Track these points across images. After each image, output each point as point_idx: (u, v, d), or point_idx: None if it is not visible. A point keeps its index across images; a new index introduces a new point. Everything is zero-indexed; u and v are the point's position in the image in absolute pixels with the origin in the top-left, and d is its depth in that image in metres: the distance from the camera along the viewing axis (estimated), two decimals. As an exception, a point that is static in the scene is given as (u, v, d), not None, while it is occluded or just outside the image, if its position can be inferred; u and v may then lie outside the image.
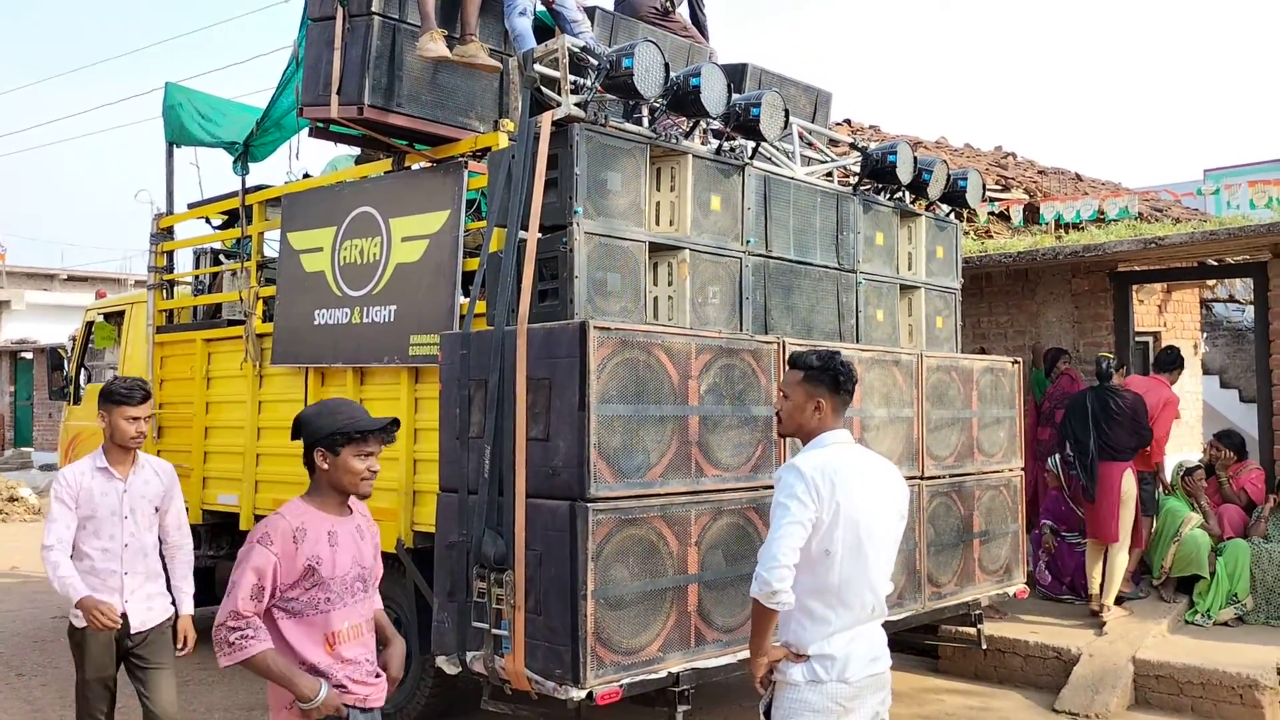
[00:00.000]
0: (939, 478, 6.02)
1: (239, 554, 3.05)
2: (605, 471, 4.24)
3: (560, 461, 4.27)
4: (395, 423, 3.17)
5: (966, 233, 9.65)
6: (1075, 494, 7.78)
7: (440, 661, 4.76)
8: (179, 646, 4.46)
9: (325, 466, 3.09)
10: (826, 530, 3.08)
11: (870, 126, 12.79)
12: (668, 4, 6.74)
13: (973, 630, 6.46)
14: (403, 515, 5.61)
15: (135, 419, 4.31)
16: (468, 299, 5.21)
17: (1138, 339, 9.54)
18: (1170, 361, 7.92)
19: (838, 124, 11.92)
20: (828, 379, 3.24)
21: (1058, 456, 7.91)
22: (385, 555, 5.80)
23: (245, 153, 7.16)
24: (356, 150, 6.94)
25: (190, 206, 7.98)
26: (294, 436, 3.24)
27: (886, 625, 3.42)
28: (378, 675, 3.23)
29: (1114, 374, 7.63)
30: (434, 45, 5.35)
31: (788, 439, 4.97)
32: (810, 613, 3.15)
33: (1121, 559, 7.23)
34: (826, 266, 5.88)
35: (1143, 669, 6.33)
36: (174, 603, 4.58)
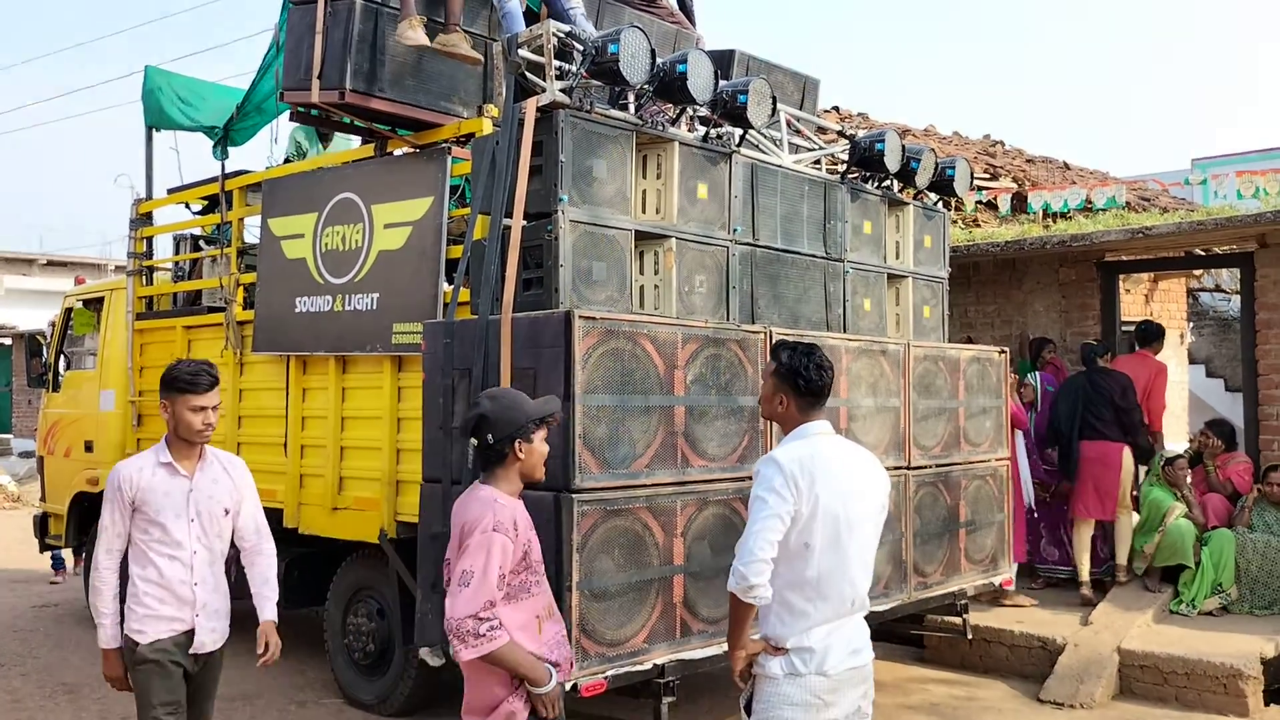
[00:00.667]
0: (925, 467, 6.00)
1: (468, 544, 3.06)
2: (590, 462, 4.19)
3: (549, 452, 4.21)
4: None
5: (954, 221, 9.62)
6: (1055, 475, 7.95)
7: (423, 653, 4.71)
8: (261, 653, 3.96)
9: (523, 456, 3.21)
10: (805, 523, 3.04)
11: (858, 114, 12.75)
12: None
13: (958, 620, 6.45)
14: (385, 505, 5.56)
15: (202, 409, 3.69)
16: (451, 287, 5.14)
17: (1124, 328, 9.54)
18: (1152, 334, 8.34)
19: (826, 111, 11.88)
20: (791, 378, 3.20)
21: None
22: (367, 545, 5.84)
23: (225, 137, 7.07)
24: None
25: (170, 191, 7.88)
26: (471, 435, 3.25)
27: (872, 616, 3.39)
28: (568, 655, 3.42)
29: (1098, 358, 7.86)
30: (413, 33, 5.27)
31: (772, 428, 4.95)
32: (789, 606, 3.11)
33: (1126, 525, 7.58)
34: (814, 255, 5.84)
35: (1128, 659, 6.34)
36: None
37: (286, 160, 7.92)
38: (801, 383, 3.19)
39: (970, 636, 6.54)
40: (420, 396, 4.95)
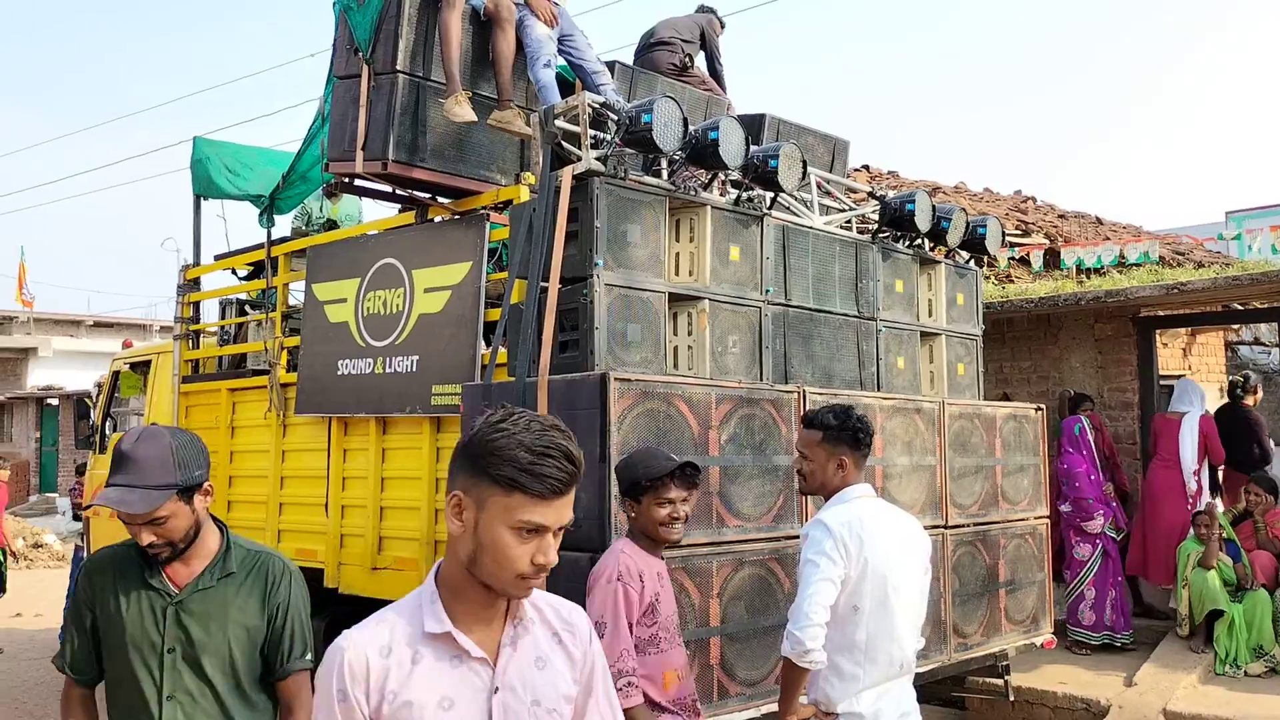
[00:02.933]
0: (963, 526, 5.97)
1: (592, 592, 3.21)
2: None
3: (580, 513, 4.26)
4: (690, 466, 3.26)
5: (987, 278, 9.65)
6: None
7: None
8: None
9: (633, 515, 3.32)
10: (854, 586, 3.09)
11: (889, 172, 12.85)
12: (686, 59, 6.84)
13: (1000, 681, 6.37)
14: (424, 565, 5.61)
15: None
16: (489, 349, 5.25)
17: (1162, 383, 9.47)
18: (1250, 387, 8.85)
19: (856, 170, 12.00)
20: (847, 437, 3.27)
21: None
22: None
23: (271, 205, 7.27)
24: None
25: (217, 258, 8.09)
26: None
27: (914, 676, 3.41)
28: (698, 715, 3.37)
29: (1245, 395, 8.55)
30: (460, 109, 5.43)
31: (809, 489, 4.97)
32: (839, 669, 3.14)
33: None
34: (846, 314, 5.89)
35: (1174, 721, 6.22)
36: None
37: (294, 229, 8.14)
38: (860, 435, 3.28)
39: (1012, 698, 6.45)
40: (459, 457, 5.02)
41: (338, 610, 6.69)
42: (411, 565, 5.71)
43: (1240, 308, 9.10)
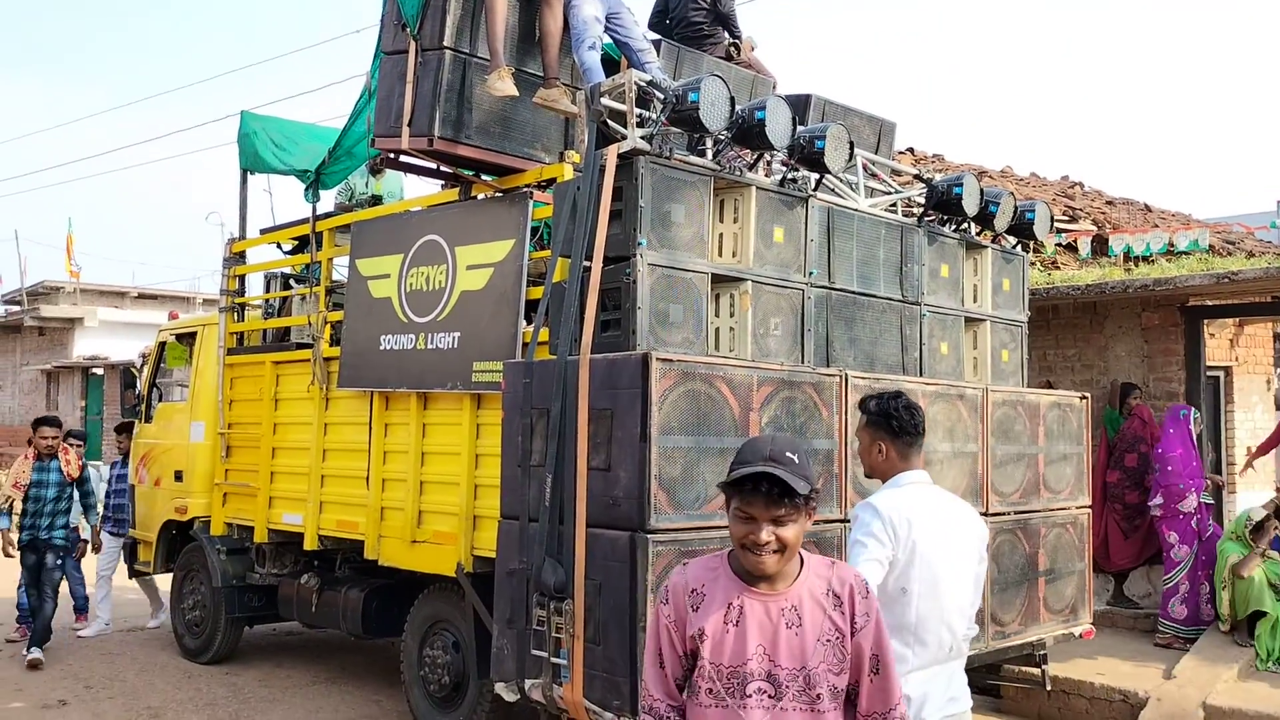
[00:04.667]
0: (1004, 514, 5.92)
1: None
2: (665, 503, 4.24)
3: (621, 492, 4.29)
4: (772, 481, 2.27)
5: (1033, 264, 9.52)
6: None
7: (499, 688, 4.79)
8: None
9: (728, 519, 2.39)
10: (903, 569, 3.11)
11: (934, 155, 12.70)
12: (731, 50, 6.78)
13: (1037, 670, 6.32)
14: (463, 540, 5.66)
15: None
16: (531, 327, 5.26)
17: (1209, 373, 9.31)
18: None
19: (901, 153, 11.87)
20: (885, 423, 3.28)
21: None
22: (444, 578, 5.94)
23: (316, 180, 7.32)
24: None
25: (262, 232, 8.17)
26: None
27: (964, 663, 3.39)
28: None
29: None
30: (501, 84, 5.43)
31: (848, 471, 4.95)
32: None
33: None
34: (890, 299, 5.84)
35: (1213, 715, 6.14)
36: None
37: (337, 205, 8.19)
38: (895, 424, 3.27)
39: (1049, 688, 6.40)
40: (498, 434, 5.06)
41: (377, 582, 6.80)
42: (450, 539, 5.76)
43: (1292, 298, 8.90)
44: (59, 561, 8.23)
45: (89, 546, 8.87)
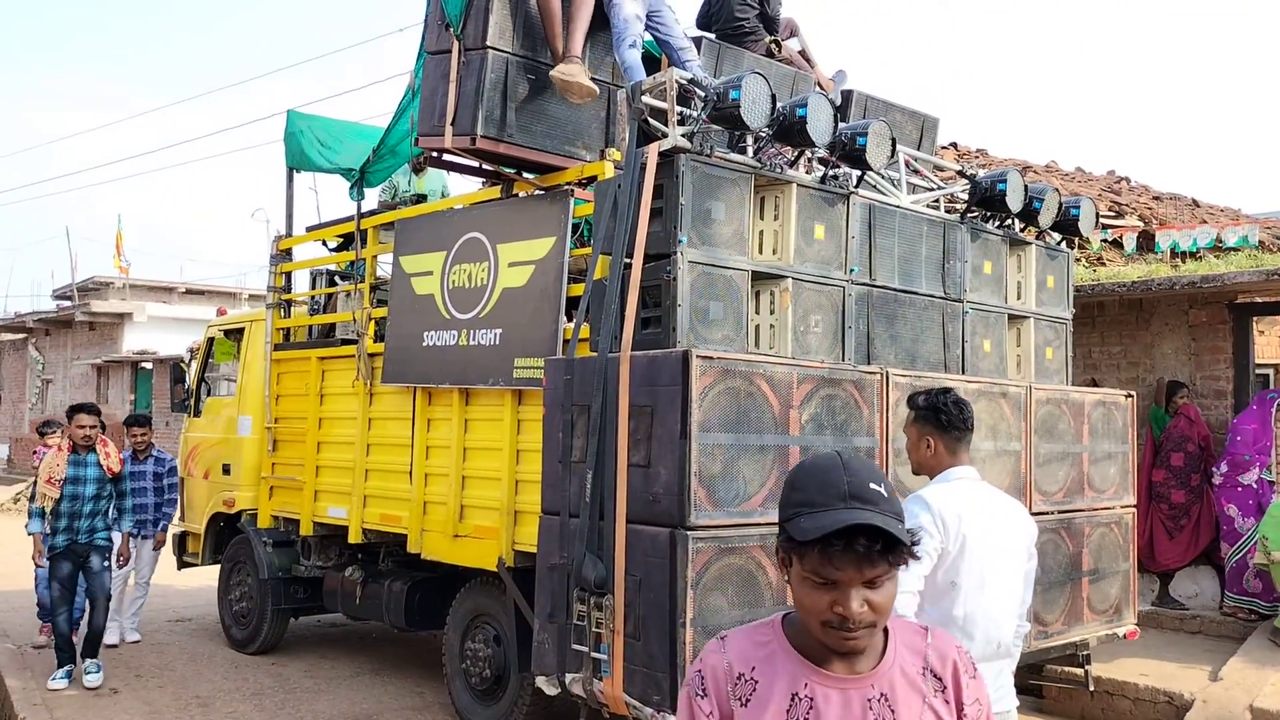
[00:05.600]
0: (1047, 513, 5.87)
1: None
2: (705, 499, 4.26)
3: (660, 488, 4.31)
4: (874, 536, 1.62)
5: (1078, 260, 9.41)
6: None
7: (540, 682, 4.84)
8: None
9: (786, 578, 1.78)
10: (953, 562, 3.12)
11: (977, 150, 12.58)
12: (773, 46, 6.77)
13: (1080, 671, 6.27)
14: (504, 534, 5.72)
15: None
16: (572, 324, 5.30)
17: (1258, 371, 9.16)
18: None
19: (944, 147, 11.77)
20: (933, 418, 3.30)
21: None
22: (486, 572, 6.01)
23: (361, 179, 7.41)
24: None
25: (308, 229, 8.29)
26: None
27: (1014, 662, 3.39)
28: None
29: None
30: (578, 74, 5.43)
31: (889, 470, 4.94)
32: None
33: None
34: (932, 295, 5.81)
35: (1260, 718, 6.05)
36: None
37: (381, 203, 8.28)
38: (944, 418, 3.30)
39: (1092, 688, 6.35)
40: (539, 430, 5.10)
41: (419, 575, 6.88)
42: (491, 534, 5.82)
43: (1346, 295, 8.73)
44: (106, 563, 7.22)
45: (121, 558, 7.63)
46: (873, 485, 1.67)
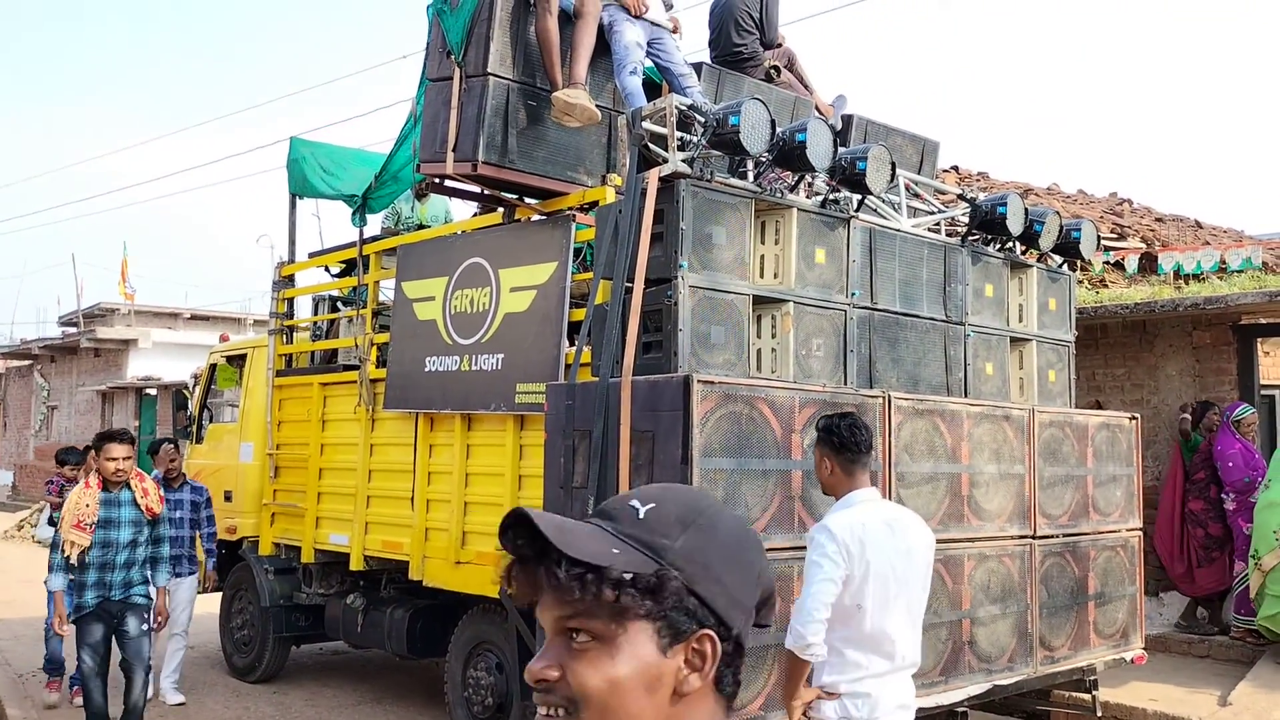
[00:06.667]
0: (1052, 537, 5.84)
1: None
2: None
3: (663, 514, 4.28)
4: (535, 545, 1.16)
5: (1080, 282, 9.41)
6: None
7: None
8: None
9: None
10: (858, 586, 3.33)
11: (978, 173, 12.61)
12: (773, 71, 6.80)
13: (1087, 696, 6.21)
14: (506, 560, 5.68)
15: None
16: (573, 349, 5.30)
17: (1263, 393, 9.12)
18: None
19: (945, 171, 11.80)
20: (828, 439, 3.53)
21: None
22: (488, 599, 5.97)
23: (363, 205, 7.44)
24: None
25: (311, 255, 8.31)
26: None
27: (996, 689, 3.69)
28: None
29: None
30: (578, 96, 5.45)
31: (892, 495, 4.91)
32: (843, 657, 3.42)
33: None
34: (934, 319, 5.81)
35: (1272, 745, 6.00)
36: None
37: (383, 228, 8.30)
38: (835, 440, 3.51)
39: (1099, 714, 6.28)
40: (541, 455, 5.09)
41: (421, 602, 6.85)
42: (493, 560, 5.79)
43: (1350, 316, 8.71)
44: (145, 628, 5.88)
45: (160, 618, 6.16)
46: (633, 503, 1.18)
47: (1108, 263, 10.11)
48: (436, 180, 5.93)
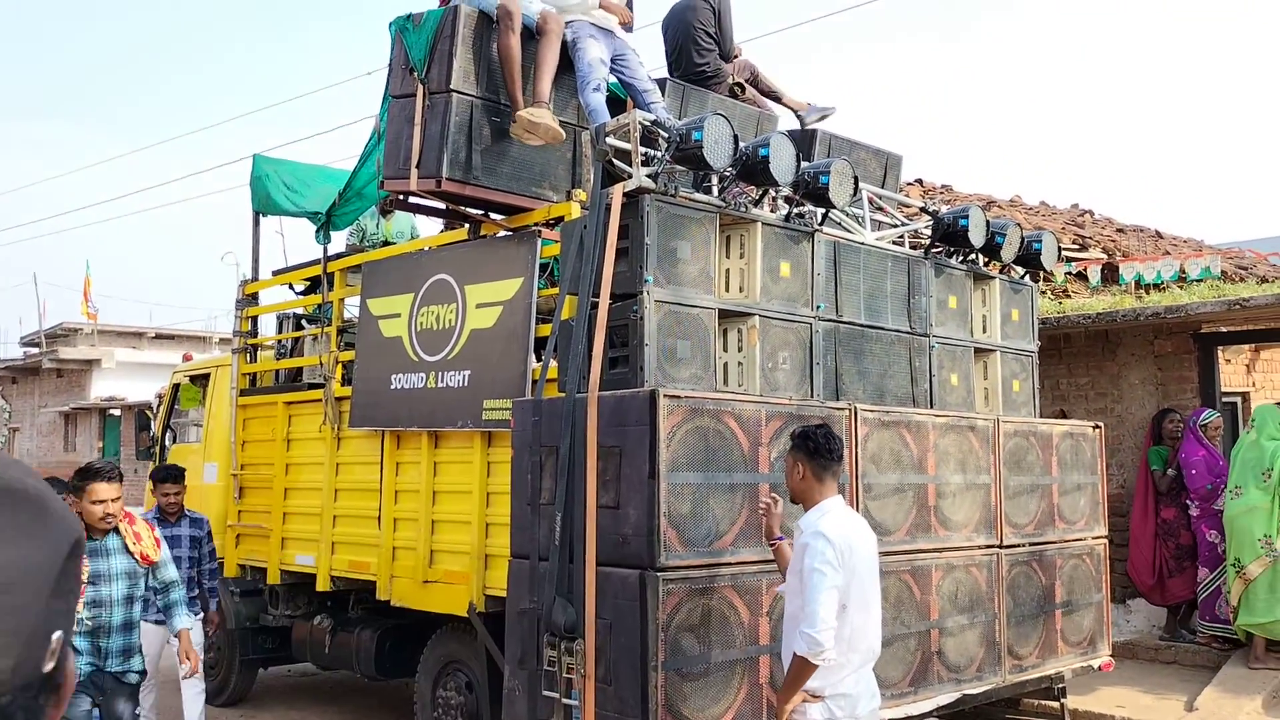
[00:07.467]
0: (1018, 546, 5.88)
1: None
2: (675, 540, 4.23)
3: (630, 530, 4.28)
4: None
5: (1044, 292, 9.51)
6: None
7: (511, 729, 4.75)
8: None
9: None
10: (844, 588, 3.52)
11: (942, 186, 12.73)
12: (736, 88, 6.84)
13: (1056, 704, 6.25)
14: (475, 579, 5.65)
15: None
16: (540, 364, 5.28)
17: (1225, 400, 9.25)
18: None
19: (909, 184, 11.91)
20: (803, 445, 3.70)
21: None
22: (457, 618, 5.92)
23: (328, 222, 7.39)
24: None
25: (275, 273, 8.24)
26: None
27: (966, 699, 3.99)
28: None
29: None
30: (540, 118, 5.45)
31: (859, 505, 4.93)
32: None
33: None
34: (899, 330, 5.84)
35: (1238, 749, 6.05)
36: None
37: (348, 245, 8.25)
38: (811, 445, 3.71)
39: (1069, 722, 6.32)
40: (509, 472, 5.06)
41: (389, 622, 6.79)
42: (462, 579, 5.75)
43: (1307, 324, 8.86)
44: (136, 712, 4.93)
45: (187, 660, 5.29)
46: None
47: (1070, 273, 10.23)
48: (401, 197, 5.90)
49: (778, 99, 7.19)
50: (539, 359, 5.38)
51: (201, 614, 6.56)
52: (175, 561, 6.03)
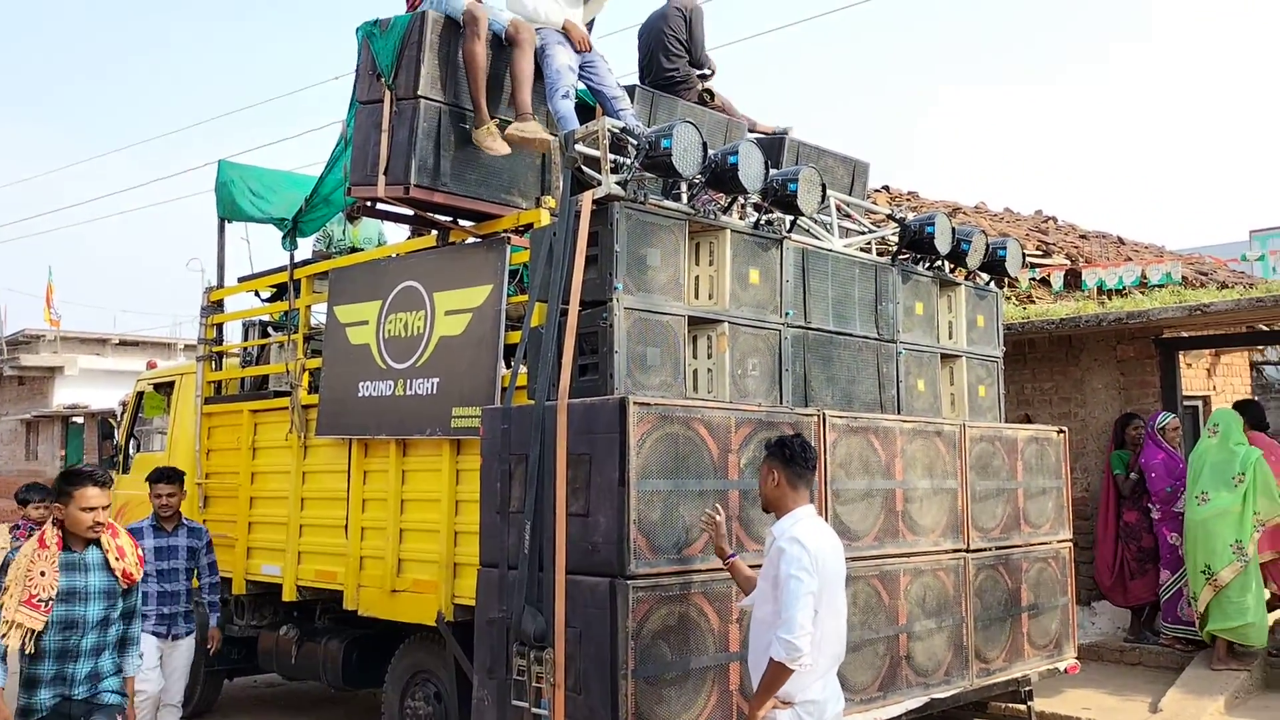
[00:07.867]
0: (985, 550, 5.93)
1: None
2: (645, 547, 4.23)
3: (600, 537, 4.27)
4: None
5: (1008, 298, 9.61)
6: None
7: (480, 739, 4.73)
8: None
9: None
10: (817, 594, 3.60)
11: (909, 193, 12.85)
12: (704, 95, 6.87)
13: (1023, 707, 6.31)
14: (443, 588, 5.62)
15: None
16: (509, 371, 5.26)
17: (1186, 404, 9.38)
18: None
19: (876, 190, 12.01)
20: (780, 452, 3.79)
21: None
22: (425, 628, 5.88)
23: (294, 228, 7.33)
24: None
25: (240, 280, 8.16)
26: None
27: (934, 703, 4.10)
28: None
29: None
30: (493, 142, 5.45)
31: (828, 514, 4.95)
32: None
33: None
34: (866, 337, 5.88)
35: (1201, 750, 6.13)
36: None
37: (315, 252, 8.18)
38: (787, 452, 3.77)
39: (1035, 725, 6.38)
40: (478, 480, 5.04)
41: (357, 632, 6.73)
42: (430, 588, 5.72)
43: (1265, 328, 9.01)
44: None
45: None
46: None
47: (1034, 279, 10.35)
48: (368, 203, 5.86)
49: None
50: (508, 366, 5.36)
51: (193, 631, 6.24)
52: (171, 573, 6.03)
